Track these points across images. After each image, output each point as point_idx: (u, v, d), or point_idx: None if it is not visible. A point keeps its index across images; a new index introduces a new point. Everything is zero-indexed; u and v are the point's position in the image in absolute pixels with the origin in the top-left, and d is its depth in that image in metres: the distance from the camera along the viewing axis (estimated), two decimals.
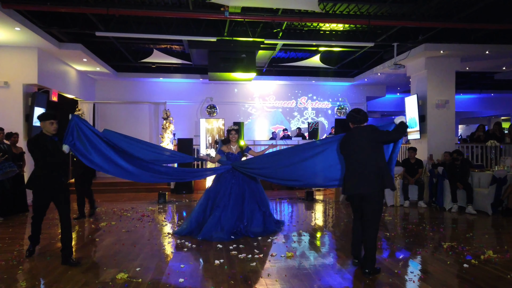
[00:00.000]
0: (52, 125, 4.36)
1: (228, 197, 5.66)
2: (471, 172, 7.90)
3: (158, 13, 7.54)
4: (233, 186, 5.75)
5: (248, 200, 5.74)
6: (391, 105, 17.67)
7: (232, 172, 5.86)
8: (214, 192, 5.84)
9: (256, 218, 5.71)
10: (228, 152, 5.93)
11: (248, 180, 5.88)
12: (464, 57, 9.98)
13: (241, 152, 5.99)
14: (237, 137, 5.99)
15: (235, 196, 5.68)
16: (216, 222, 5.51)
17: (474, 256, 4.63)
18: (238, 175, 5.84)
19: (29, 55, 8.63)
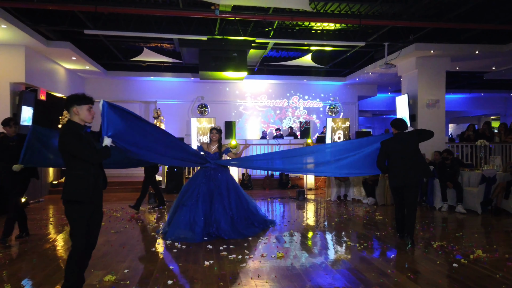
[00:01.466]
0: (90, 112, 3.39)
1: (196, 196, 5.59)
2: (461, 171, 7.95)
3: (148, 11, 7.46)
4: (202, 186, 5.67)
5: (215, 203, 5.61)
6: (382, 104, 17.76)
7: (204, 172, 5.79)
8: (184, 190, 5.79)
9: (223, 221, 5.56)
10: (206, 151, 5.88)
11: (219, 181, 5.75)
12: (454, 57, 10.05)
13: (218, 153, 5.90)
14: (218, 136, 5.93)
15: (202, 196, 5.60)
16: (184, 221, 5.43)
17: (464, 256, 4.64)
18: (209, 176, 5.76)
19: (16, 53, 8.50)
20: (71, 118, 3.32)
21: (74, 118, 3.31)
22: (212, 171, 5.83)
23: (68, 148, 3.17)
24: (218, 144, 5.94)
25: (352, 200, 9.13)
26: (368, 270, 4.17)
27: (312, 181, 11.18)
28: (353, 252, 4.90)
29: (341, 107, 14.72)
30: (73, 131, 3.23)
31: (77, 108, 3.29)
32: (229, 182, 5.87)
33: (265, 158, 6.10)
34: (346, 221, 6.82)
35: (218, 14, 7.26)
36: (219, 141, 5.96)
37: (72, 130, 3.23)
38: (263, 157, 6.39)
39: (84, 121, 3.34)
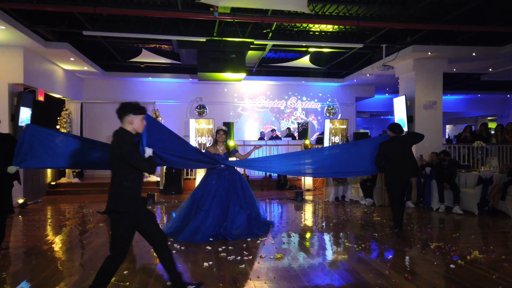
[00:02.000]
0: (143, 122, 3.34)
1: (212, 200, 5.62)
2: (458, 172, 8.00)
3: (146, 12, 7.46)
4: (218, 188, 5.71)
5: (232, 203, 5.68)
6: (380, 105, 17.82)
7: (218, 174, 5.83)
8: (199, 195, 5.79)
9: (238, 220, 5.64)
10: (215, 153, 5.90)
11: (234, 182, 5.83)
12: (452, 59, 10.11)
13: (227, 153, 5.96)
14: (224, 137, 5.96)
15: (219, 199, 5.63)
16: (197, 225, 5.47)
17: (461, 257, 4.69)
18: (224, 177, 5.80)
19: (14, 54, 8.48)
20: (123, 127, 3.23)
21: (127, 127, 3.23)
22: (226, 171, 5.86)
23: (127, 157, 3.09)
24: (225, 145, 5.99)
25: (350, 201, 9.17)
26: (366, 271, 4.20)
27: (310, 182, 11.22)
28: (351, 253, 4.93)
29: (339, 108, 14.77)
30: (129, 140, 3.18)
31: (132, 118, 3.22)
32: (242, 182, 5.94)
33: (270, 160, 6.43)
34: (344, 222, 6.85)
35: (217, 16, 7.27)
36: (225, 142, 6.00)
37: (128, 139, 3.17)
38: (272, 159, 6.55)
39: (136, 131, 3.28)
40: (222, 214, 5.61)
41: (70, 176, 11.02)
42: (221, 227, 5.52)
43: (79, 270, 4.29)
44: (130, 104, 3.26)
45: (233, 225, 5.58)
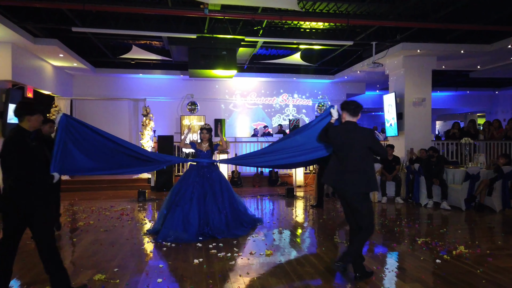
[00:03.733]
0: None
1: (190, 196, 5.59)
2: (446, 168, 8.12)
3: (136, 9, 7.43)
4: (196, 185, 5.68)
5: (209, 202, 5.63)
6: (370, 102, 17.92)
7: (198, 170, 5.82)
8: (176, 191, 5.74)
9: (217, 220, 5.61)
10: (198, 149, 5.94)
11: (213, 180, 5.79)
12: (440, 56, 10.22)
13: (211, 151, 5.96)
14: (208, 136, 5.96)
15: (197, 195, 5.61)
16: (178, 222, 5.42)
17: (447, 252, 4.78)
18: (203, 174, 5.79)
19: (2, 51, 8.39)
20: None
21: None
22: (206, 169, 5.85)
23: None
24: (209, 142, 6.00)
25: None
26: None
27: (301, 179, 11.29)
28: (341, 249, 5.00)
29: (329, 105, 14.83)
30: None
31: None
32: (222, 181, 5.91)
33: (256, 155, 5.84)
34: (333, 218, 6.93)
35: (207, 13, 7.28)
36: (209, 140, 6.01)
37: None
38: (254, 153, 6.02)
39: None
40: (201, 211, 5.58)
41: None
42: (205, 226, 5.51)
43: (70, 268, 4.28)
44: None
45: (214, 224, 5.56)
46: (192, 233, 5.37)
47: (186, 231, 5.38)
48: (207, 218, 5.56)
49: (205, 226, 5.52)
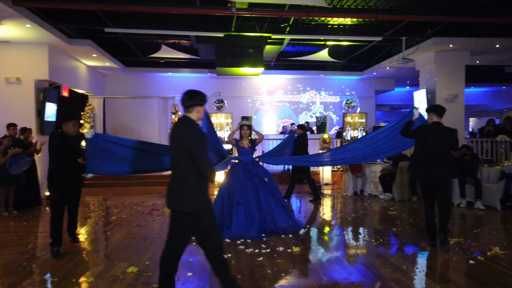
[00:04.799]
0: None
1: (246, 193, 5.59)
2: (480, 167, 7.86)
3: (165, 9, 7.57)
4: (246, 181, 5.69)
5: (263, 196, 5.65)
6: (400, 98, 17.56)
7: (244, 167, 5.82)
8: (228, 189, 5.74)
9: (278, 212, 5.65)
10: (241, 146, 5.99)
11: (259, 175, 5.84)
12: (474, 51, 9.87)
13: (252, 147, 6.01)
14: (248, 133, 6.01)
15: (251, 191, 5.62)
16: (243, 220, 5.45)
17: (481, 252, 4.65)
18: (249, 170, 5.80)
19: (40, 51, 8.75)
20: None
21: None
22: (251, 165, 5.88)
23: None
24: (249, 139, 6.05)
25: (368, 195, 9.13)
26: (384, 266, 4.23)
27: (328, 176, 11.20)
28: (369, 248, 4.96)
29: (358, 102, 14.63)
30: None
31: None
32: (268, 175, 5.98)
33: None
34: (362, 217, 6.86)
35: (234, 11, 7.32)
36: (250, 136, 6.07)
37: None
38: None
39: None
40: (258, 206, 5.59)
41: None
42: (266, 221, 5.52)
43: (104, 261, 4.46)
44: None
45: (275, 218, 5.58)
46: (255, 230, 5.37)
47: (250, 229, 5.39)
48: (266, 214, 5.57)
49: (265, 222, 5.53)
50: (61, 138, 4.71)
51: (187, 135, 2.89)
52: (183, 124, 3.00)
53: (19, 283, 3.79)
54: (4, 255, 4.66)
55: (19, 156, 6.91)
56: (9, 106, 8.52)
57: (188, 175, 2.91)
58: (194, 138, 2.89)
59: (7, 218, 6.80)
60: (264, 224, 5.50)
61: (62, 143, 4.68)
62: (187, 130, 2.92)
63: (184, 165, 2.91)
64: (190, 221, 2.95)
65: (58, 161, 4.69)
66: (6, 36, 8.13)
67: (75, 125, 4.84)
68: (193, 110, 3.01)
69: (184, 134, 2.91)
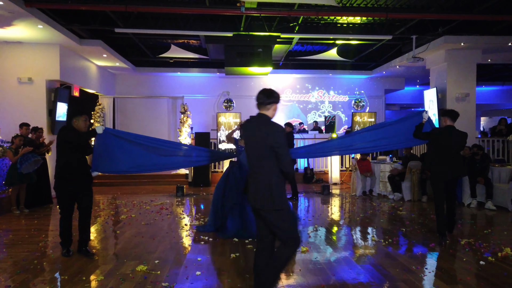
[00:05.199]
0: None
1: (241, 193, 5.58)
2: (491, 167, 7.76)
3: (175, 9, 7.62)
4: (242, 181, 5.65)
5: None
6: (410, 97, 17.40)
7: (239, 167, 5.80)
8: (224, 189, 5.75)
9: None
10: (240, 145, 5.93)
11: None
12: (486, 49, 9.75)
13: None
14: None
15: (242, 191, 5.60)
16: (238, 220, 5.46)
17: (492, 253, 4.59)
18: (246, 170, 5.68)
19: (51, 52, 8.87)
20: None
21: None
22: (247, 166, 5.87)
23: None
24: None
25: (377, 195, 9.08)
26: (393, 266, 4.20)
27: (337, 176, 11.16)
28: (378, 248, 4.93)
29: (367, 101, 14.54)
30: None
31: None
32: None
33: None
34: (371, 217, 6.82)
35: (243, 11, 7.33)
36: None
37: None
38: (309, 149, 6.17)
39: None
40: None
41: None
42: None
43: (113, 259, 4.51)
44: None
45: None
46: (251, 229, 5.33)
47: (246, 228, 5.38)
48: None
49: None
50: (71, 134, 4.50)
51: (272, 133, 2.94)
52: (265, 122, 3.04)
53: (30, 280, 3.85)
54: (15, 253, 4.74)
55: (30, 155, 7.01)
56: (21, 105, 8.65)
57: (274, 173, 2.96)
58: (280, 135, 2.95)
59: (18, 217, 6.90)
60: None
61: (72, 138, 4.47)
62: (272, 128, 2.98)
63: (269, 164, 2.96)
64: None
65: (66, 157, 4.48)
66: (19, 36, 8.25)
67: (86, 120, 4.65)
68: (270, 108, 3.08)
69: (269, 132, 2.95)
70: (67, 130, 4.60)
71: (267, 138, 2.94)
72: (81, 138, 4.55)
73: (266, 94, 3.07)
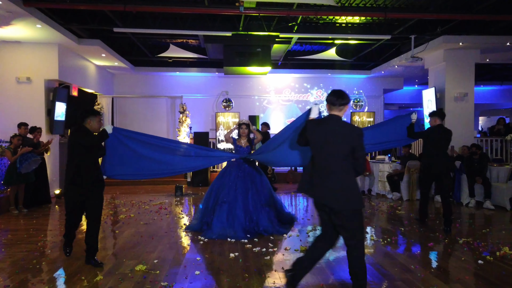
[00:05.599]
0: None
1: (234, 192, 5.55)
2: (490, 166, 7.79)
3: (174, 9, 7.62)
4: (238, 181, 5.64)
5: (252, 197, 5.60)
6: (408, 97, 17.42)
7: (238, 166, 5.77)
8: (218, 187, 5.74)
9: (263, 215, 5.58)
10: (238, 144, 5.91)
11: (253, 175, 5.76)
12: (484, 49, 9.77)
13: (250, 146, 5.91)
14: (247, 132, 5.89)
15: (241, 191, 5.57)
16: (225, 219, 5.42)
17: (490, 252, 4.60)
18: (243, 169, 5.75)
19: (50, 51, 8.85)
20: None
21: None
22: (246, 164, 5.79)
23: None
24: (247, 137, 5.94)
25: (376, 194, 9.09)
26: (392, 265, 4.21)
27: None
28: (377, 247, 4.94)
29: (365, 101, 14.56)
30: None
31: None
32: (262, 177, 5.86)
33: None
34: (370, 216, 6.83)
35: (242, 10, 7.33)
36: (248, 135, 5.95)
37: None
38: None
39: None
40: (245, 207, 5.54)
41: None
42: (251, 223, 5.47)
43: (112, 259, 4.50)
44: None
45: (260, 220, 5.51)
46: (239, 229, 5.33)
47: (233, 228, 5.34)
48: (251, 215, 5.52)
49: (250, 222, 5.48)
50: (84, 135, 4.16)
51: (354, 134, 3.06)
52: (342, 124, 3.15)
53: (29, 280, 3.85)
54: (14, 253, 4.73)
55: (29, 155, 7.00)
56: (19, 105, 8.64)
57: (350, 173, 3.08)
58: (362, 138, 3.06)
59: (17, 216, 6.89)
60: (249, 225, 5.45)
61: (87, 140, 4.14)
62: (353, 129, 3.14)
63: (347, 164, 3.06)
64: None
65: (78, 160, 4.14)
66: (17, 36, 8.24)
67: (100, 120, 4.37)
68: (343, 109, 3.16)
69: (350, 133, 3.07)
70: (80, 131, 4.20)
71: (348, 139, 3.04)
72: (94, 140, 4.23)
73: (339, 95, 3.14)
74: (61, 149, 9.39)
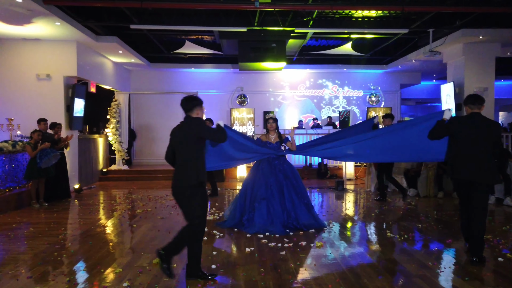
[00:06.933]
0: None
1: (270, 188, 5.52)
2: (510, 162, 7.61)
3: (189, 5, 7.66)
4: (271, 177, 5.60)
5: (287, 193, 5.57)
6: (426, 92, 17.16)
7: (269, 162, 5.73)
8: (252, 184, 5.70)
9: (301, 210, 5.56)
10: (266, 141, 5.85)
11: (285, 171, 5.72)
12: (505, 42, 9.53)
13: (279, 142, 5.82)
14: (275, 126, 5.83)
15: (276, 187, 5.55)
16: (265, 215, 5.41)
17: (510, 250, 4.52)
18: (275, 166, 5.70)
19: (68, 48, 9.01)
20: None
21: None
22: (277, 161, 5.75)
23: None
24: (277, 133, 5.87)
25: (392, 191, 8.99)
26: (409, 262, 4.17)
27: (351, 171, 11.10)
28: (393, 243, 4.90)
29: (382, 96, 14.38)
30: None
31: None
32: (294, 172, 5.83)
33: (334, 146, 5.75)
34: (386, 212, 6.77)
35: (257, 6, 7.30)
36: (276, 130, 5.89)
37: None
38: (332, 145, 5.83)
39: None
40: (282, 203, 5.53)
41: (120, 163, 11.61)
42: (289, 218, 5.47)
43: (130, 253, 4.59)
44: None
45: (299, 215, 5.51)
46: (278, 225, 5.32)
47: (273, 224, 5.35)
48: (289, 211, 5.50)
49: (288, 218, 5.47)
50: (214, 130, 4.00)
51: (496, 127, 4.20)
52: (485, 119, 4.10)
53: (50, 272, 3.95)
54: (36, 245, 4.86)
55: (49, 150, 7.17)
56: (39, 102, 8.83)
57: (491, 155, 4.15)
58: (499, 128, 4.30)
59: (38, 210, 7.08)
60: (288, 221, 5.45)
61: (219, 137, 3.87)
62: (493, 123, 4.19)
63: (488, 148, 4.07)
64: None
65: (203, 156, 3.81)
66: (37, 34, 8.41)
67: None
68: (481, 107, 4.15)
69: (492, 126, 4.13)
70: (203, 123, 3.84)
71: (492, 131, 4.08)
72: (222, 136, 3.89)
73: (476, 98, 4.13)
74: (80, 145, 9.58)
